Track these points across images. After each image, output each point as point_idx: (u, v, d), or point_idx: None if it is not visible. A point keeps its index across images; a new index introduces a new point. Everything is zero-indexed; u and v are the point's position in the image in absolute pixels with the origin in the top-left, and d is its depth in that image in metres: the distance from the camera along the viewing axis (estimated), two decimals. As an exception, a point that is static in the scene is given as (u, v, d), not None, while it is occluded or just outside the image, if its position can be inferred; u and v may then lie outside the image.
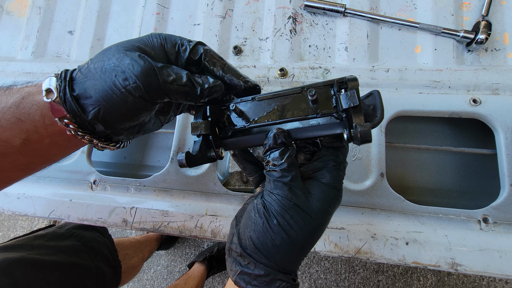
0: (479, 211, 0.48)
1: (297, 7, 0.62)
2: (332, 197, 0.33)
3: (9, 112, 0.31)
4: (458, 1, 0.57)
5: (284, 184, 0.31)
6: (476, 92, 0.53)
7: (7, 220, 1.82)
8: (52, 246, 0.66)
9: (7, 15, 0.74)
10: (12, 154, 0.32)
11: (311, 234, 0.32)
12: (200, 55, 0.35)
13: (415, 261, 0.47)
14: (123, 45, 0.31)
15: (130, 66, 0.29)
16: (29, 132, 0.32)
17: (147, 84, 0.29)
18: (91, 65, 0.31)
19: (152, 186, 0.58)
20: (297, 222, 0.31)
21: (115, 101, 0.30)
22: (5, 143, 0.32)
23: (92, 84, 0.30)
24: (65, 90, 0.30)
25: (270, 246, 0.31)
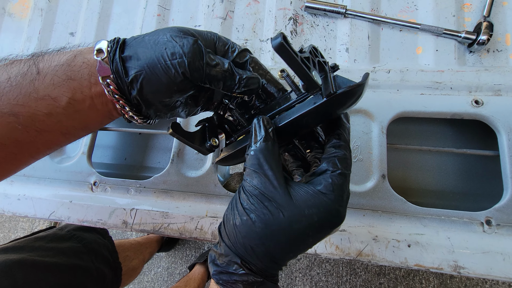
0: (482, 213, 0.48)
1: (298, 8, 0.62)
2: (317, 202, 0.29)
3: (61, 70, 0.32)
4: (459, 2, 0.56)
5: (253, 172, 0.30)
6: (478, 93, 0.52)
7: (8, 221, 1.82)
8: (52, 248, 0.66)
9: (9, 16, 0.75)
10: (57, 114, 0.33)
11: (273, 229, 0.29)
12: (246, 60, 0.37)
13: (417, 264, 0.46)
14: (180, 28, 0.33)
15: (182, 43, 0.31)
16: (75, 91, 0.33)
17: (192, 62, 0.31)
18: (146, 37, 0.33)
19: (152, 188, 0.58)
20: (259, 209, 0.29)
21: (158, 70, 0.31)
22: (53, 102, 0.32)
23: (142, 51, 0.32)
24: (115, 51, 0.32)
25: (231, 224, 0.31)
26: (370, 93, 0.55)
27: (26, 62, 0.33)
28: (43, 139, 0.35)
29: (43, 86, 0.32)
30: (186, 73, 0.31)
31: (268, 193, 0.29)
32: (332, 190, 0.29)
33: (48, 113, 0.33)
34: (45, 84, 0.32)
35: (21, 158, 0.36)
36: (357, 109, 0.54)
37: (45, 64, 0.33)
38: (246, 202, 0.30)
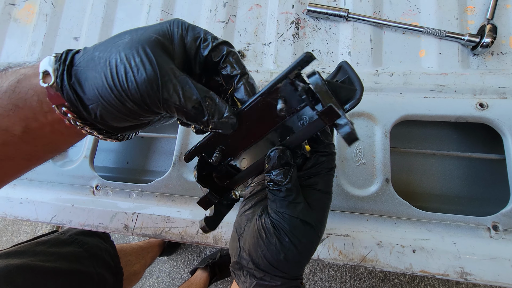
0: (489, 218, 0.47)
1: (300, 12, 0.62)
2: (326, 202, 0.35)
3: (5, 97, 0.29)
4: (463, 5, 0.56)
5: (290, 203, 0.32)
6: (482, 96, 0.52)
7: (11, 225, 1.83)
8: (54, 253, 0.66)
9: (14, 22, 0.76)
10: (14, 143, 0.30)
11: (314, 243, 0.34)
12: (221, 57, 0.31)
13: (422, 270, 0.45)
14: (139, 36, 0.28)
15: (135, 69, 0.26)
16: (28, 120, 0.29)
17: (146, 95, 0.27)
18: (96, 52, 0.28)
19: (154, 191, 0.57)
20: (304, 236, 0.32)
21: (114, 101, 0.27)
22: (5, 132, 0.29)
23: (91, 76, 0.27)
24: (63, 75, 0.27)
25: (283, 262, 0.32)
26: (373, 96, 0.55)
27: None
28: (4, 166, 0.32)
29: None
30: (142, 106, 0.28)
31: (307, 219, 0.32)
32: (329, 185, 0.35)
33: (2, 143, 0.30)
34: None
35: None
36: (360, 113, 0.54)
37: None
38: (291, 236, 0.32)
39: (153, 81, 0.26)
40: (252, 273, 0.34)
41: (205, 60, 0.31)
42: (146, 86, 0.26)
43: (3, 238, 1.83)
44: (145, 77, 0.26)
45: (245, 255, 0.35)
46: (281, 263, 0.33)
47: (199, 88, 0.28)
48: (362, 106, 0.54)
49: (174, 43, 0.30)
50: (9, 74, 0.30)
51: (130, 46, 0.27)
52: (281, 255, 0.32)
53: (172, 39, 0.30)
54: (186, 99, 0.28)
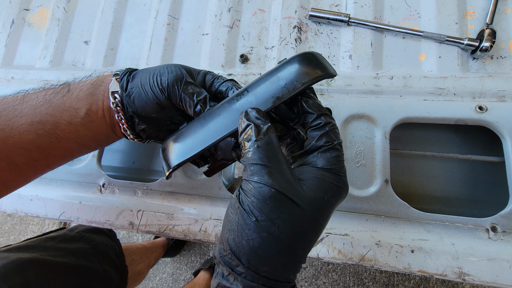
0: (487, 220, 0.47)
1: (302, 17, 0.63)
2: (329, 183, 0.27)
3: (86, 87, 0.41)
4: (462, 10, 0.57)
5: (262, 167, 0.25)
6: (482, 99, 0.52)
7: (19, 224, 1.87)
8: (62, 248, 0.68)
9: (28, 26, 0.79)
10: (76, 123, 0.39)
11: (302, 230, 0.25)
12: (226, 88, 0.42)
13: (420, 270, 0.46)
14: (181, 65, 0.42)
15: (170, 70, 0.40)
16: (92, 103, 0.40)
17: (171, 84, 0.39)
18: (151, 66, 0.42)
19: (158, 190, 0.59)
20: (280, 215, 0.24)
21: (147, 87, 0.39)
22: (75, 112, 0.39)
23: (142, 75, 0.41)
24: (125, 73, 0.41)
25: (247, 249, 0.25)
26: (373, 99, 0.56)
27: (62, 85, 0.42)
28: (60, 146, 0.40)
29: (70, 100, 0.39)
30: (164, 92, 0.39)
31: (286, 191, 0.24)
32: (335, 163, 0.28)
33: (68, 122, 0.39)
34: (72, 99, 0.40)
35: (39, 165, 0.41)
36: (360, 115, 0.55)
37: (76, 86, 0.41)
38: (259, 213, 0.24)
39: (179, 79, 0.39)
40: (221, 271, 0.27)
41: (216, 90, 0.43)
42: (173, 81, 0.39)
43: (10, 237, 1.87)
44: (174, 75, 0.40)
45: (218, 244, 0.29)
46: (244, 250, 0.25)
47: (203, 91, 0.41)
48: (362, 108, 0.55)
49: (199, 75, 0.44)
50: (93, 76, 0.44)
51: (171, 65, 0.41)
52: (243, 237, 0.24)
53: (198, 73, 0.45)
54: (198, 95, 0.39)
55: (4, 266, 0.54)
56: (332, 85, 0.58)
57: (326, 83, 0.58)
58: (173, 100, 0.40)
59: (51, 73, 0.72)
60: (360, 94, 0.56)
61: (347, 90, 0.57)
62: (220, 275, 0.27)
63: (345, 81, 0.58)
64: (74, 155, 0.43)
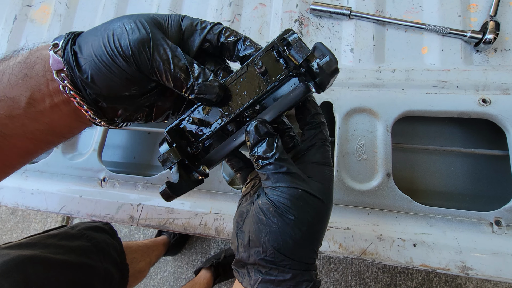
0: (491, 213, 0.46)
1: (303, 10, 0.63)
2: (328, 173, 0.32)
3: (17, 67, 0.31)
4: (465, 2, 0.57)
5: (285, 174, 0.29)
6: (485, 92, 0.52)
7: (21, 222, 1.88)
8: (63, 246, 0.67)
9: (31, 22, 0.79)
10: (19, 116, 0.31)
11: (324, 216, 0.31)
12: (219, 31, 0.33)
13: (423, 264, 0.45)
14: (140, 14, 0.31)
15: (130, 31, 0.29)
16: (33, 90, 0.31)
17: (137, 53, 0.29)
18: (100, 25, 0.31)
19: (158, 184, 0.59)
20: (310, 208, 0.29)
21: (106, 58, 0.29)
22: (12, 102, 0.31)
23: (92, 39, 0.30)
24: (68, 41, 0.30)
25: (291, 244, 0.29)
26: (375, 92, 0.55)
27: None
28: (9, 144, 0.33)
29: (1, 87, 0.31)
30: (130, 61, 0.29)
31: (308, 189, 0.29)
32: (327, 157, 0.33)
33: (9, 115, 0.31)
34: (3, 85, 0.31)
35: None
36: (362, 108, 0.55)
37: (4, 65, 0.31)
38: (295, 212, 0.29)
39: (145, 41, 0.29)
40: (256, 268, 0.30)
41: (203, 40, 0.33)
42: (138, 44, 0.29)
43: (13, 235, 1.88)
44: (138, 36, 0.29)
45: (243, 250, 0.31)
46: (288, 246, 0.29)
47: (187, 57, 0.31)
48: (364, 102, 0.55)
49: (170, 24, 0.32)
50: (24, 50, 0.33)
51: (129, 18, 0.30)
52: (287, 235, 0.28)
53: (169, 22, 0.32)
54: (174, 62, 0.30)
55: (5, 263, 0.54)
56: (334, 79, 0.58)
57: (327, 77, 0.58)
58: (144, 70, 0.30)
59: (53, 68, 0.72)
60: (362, 88, 0.56)
61: (348, 83, 0.56)
62: (257, 272, 0.30)
63: (346, 75, 0.57)
64: (33, 153, 0.36)
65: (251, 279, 0.31)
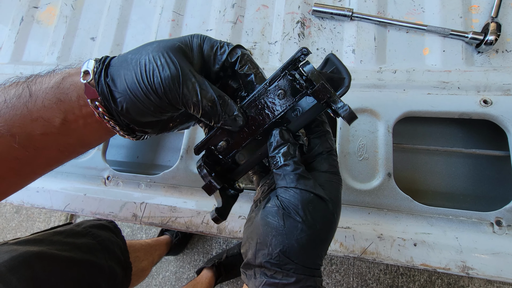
0: (492, 214, 0.47)
1: (305, 12, 0.64)
2: (336, 182, 0.33)
3: (51, 92, 0.34)
4: (467, 4, 0.57)
5: (300, 176, 0.31)
6: (486, 93, 0.52)
7: (26, 221, 1.90)
8: (69, 243, 0.68)
9: (37, 24, 0.81)
10: (53, 134, 0.34)
11: (332, 223, 0.31)
12: (236, 58, 0.35)
13: (423, 263, 0.46)
14: (165, 43, 0.33)
15: (161, 68, 0.31)
16: (66, 113, 0.34)
17: (168, 90, 0.31)
18: (129, 55, 0.33)
19: (161, 183, 0.60)
20: (319, 213, 0.30)
21: (140, 94, 0.31)
22: (47, 123, 0.34)
23: (124, 73, 0.32)
24: (101, 73, 0.32)
25: (296, 248, 0.30)
26: (376, 92, 0.56)
27: (21, 85, 0.34)
28: (41, 156, 0.36)
29: (35, 108, 0.33)
30: (163, 98, 0.31)
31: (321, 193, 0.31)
32: (335, 166, 0.34)
33: (43, 133, 0.34)
34: (37, 107, 0.33)
35: (23, 174, 0.37)
36: (363, 108, 0.55)
37: (37, 87, 0.34)
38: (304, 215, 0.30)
39: (175, 78, 0.31)
40: (262, 271, 0.31)
41: (222, 65, 0.36)
42: (169, 82, 0.31)
43: (17, 233, 1.90)
44: (168, 74, 0.31)
45: (251, 253, 0.33)
46: (293, 249, 0.29)
47: (214, 89, 0.33)
48: (365, 102, 0.55)
49: (193, 50, 0.35)
50: (56, 74, 0.35)
51: (157, 50, 0.32)
52: (293, 238, 0.29)
53: (191, 48, 0.35)
54: (202, 96, 0.32)
55: (13, 258, 0.55)
56: (335, 79, 0.58)
57: (329, 77, 0.58)
58: (174, 104, 0.32)
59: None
60: (363, 88, 0.56)
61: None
62: (263, 275, 0.31)
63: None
64: (62, 161, 0.39)
65: (256, 281, 0.31)
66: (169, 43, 0.33)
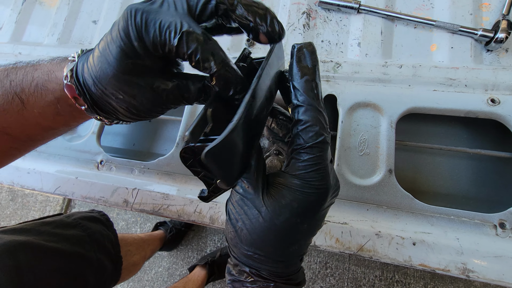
0: (496, 215, 0.45)
1: (312, 3, 0.62)
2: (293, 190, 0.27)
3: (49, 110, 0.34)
4: (478, 1, 0.55)
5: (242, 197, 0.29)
6: (494, 92, 0.50)
7: (21, 209, 1.88)
8: (57, 234, 0.66)
9: (39, 5, 0.80)
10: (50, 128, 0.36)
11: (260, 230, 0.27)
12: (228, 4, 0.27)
13: (422, 263, 0.44)
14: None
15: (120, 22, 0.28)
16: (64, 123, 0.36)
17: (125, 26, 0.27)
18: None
19: (156, 169, 0.58)
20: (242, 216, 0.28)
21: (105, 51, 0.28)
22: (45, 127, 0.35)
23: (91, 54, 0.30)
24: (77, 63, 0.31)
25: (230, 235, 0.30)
26: (380, 87, 0.54)
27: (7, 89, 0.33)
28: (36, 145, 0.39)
29: (32, 116, 0.34)
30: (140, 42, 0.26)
31: (246, 195, 0.28)
32: (304, 169, 0.26)
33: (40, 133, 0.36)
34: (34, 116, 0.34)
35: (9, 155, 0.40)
36: (366, 103, 0.53)
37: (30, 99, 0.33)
38: (232, 211, 0.29)
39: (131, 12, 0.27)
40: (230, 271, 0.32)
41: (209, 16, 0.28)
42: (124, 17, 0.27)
43: (11, 221, 1.88)
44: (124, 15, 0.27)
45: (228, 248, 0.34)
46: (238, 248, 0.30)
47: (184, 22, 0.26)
48: (368, 96, 0.53)
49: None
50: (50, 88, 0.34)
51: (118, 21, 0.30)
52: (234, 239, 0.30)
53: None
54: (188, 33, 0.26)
55: None
56: (339, 72, 0.57)
57: (333, 70, 0.57)
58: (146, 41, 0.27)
59: (58, 49, 0.72)
60: (367, 82, 0.55)
61: (354, 77, 0.55)
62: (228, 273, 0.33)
63: (352, 68, 0.56)
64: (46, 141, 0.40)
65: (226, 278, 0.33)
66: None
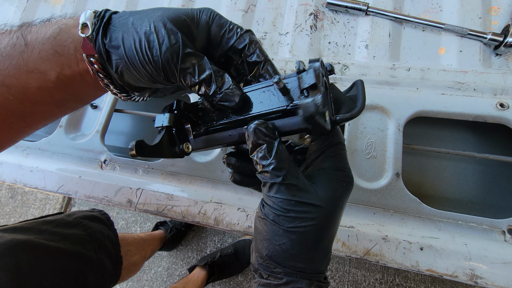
0: (504, 221, 0.44)
1: (319, 4, 0.62)
2: (337, 180, 0.30)
3: (48, 43, 0.32)
4: (487, 5, 0.55)
5: (280, 185, 0.29)
6: (504, 96, 0.50)
7: (20, 207, 1.87)
8: (58, 233, 0.66)
9: (44, 2, 0.79)
10: (49, 88, 0.33)
11: (323, 226, 0.29)
12: (244, 45, 0.34)
13: (429, 269, 0.43)
14: (170, 14, 0.32)
15: (161, 40, 0.30)
16: (63, 66, 0.33)
17: (166, 63, 0.30)
18: (131, 18, 0.31)
19: (160, 169, 0.58)
20: (303, 219, 0.28)
21: (136, 62, 0.30)
22: (43, 76, 0.32)
23: (123, 37, 0.30)
24: (99, 30, 0.30)
25: (280, 252, 0.29)
26: (388, 90, 0.54)
27: (15, 33, 0.33)
28: (38, 110, 0.35)
29: (32, 59, 0.32)
30: (159, 70, 0.30)
31: (304, 199, 0.28)
32: (340, 161, 0.31)
33: (39, 86, 0.33)
34: (34, 58, 0.32)
35: (18, 128, 0.37)
36: (374, 106, 0.53)
37: (33, 37, 0.32)
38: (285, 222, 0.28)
39: (174, 53, 0.30)
40: (259, 273, 0.32)
41: (228, 50, 0.34)
42: (168, 56, 0.30)
43: (11, 219, 1.88)
44: (168, 47, 0.29)
45: (255, 255, 0.32)
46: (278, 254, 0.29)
47: (212, 66, 0.31)
48: (376, 99, 0.53)
49: (199, 27, 0.33)
50: (52, 24, 0.33)
51: (161, 19, 0.31)
52: (275, 244, 0.29)
53: (198, 23, 0.33)
54: (200, 72, 0.30)
55: None
56: (346, 74, 0.56)
57: (340, 72, 0.57)
58: (171, 78, 0.32)
59: (63, 47, 0.72)
60: (375, 85, 0.54)
61: (361, 79, 0.55)
62: (259, 276, 0.31)
63: (359, 70, 0.56)
64: (58, 116, 0.38)
65: (255, 280, 0.32)
66: (174, 14, 0.32)
